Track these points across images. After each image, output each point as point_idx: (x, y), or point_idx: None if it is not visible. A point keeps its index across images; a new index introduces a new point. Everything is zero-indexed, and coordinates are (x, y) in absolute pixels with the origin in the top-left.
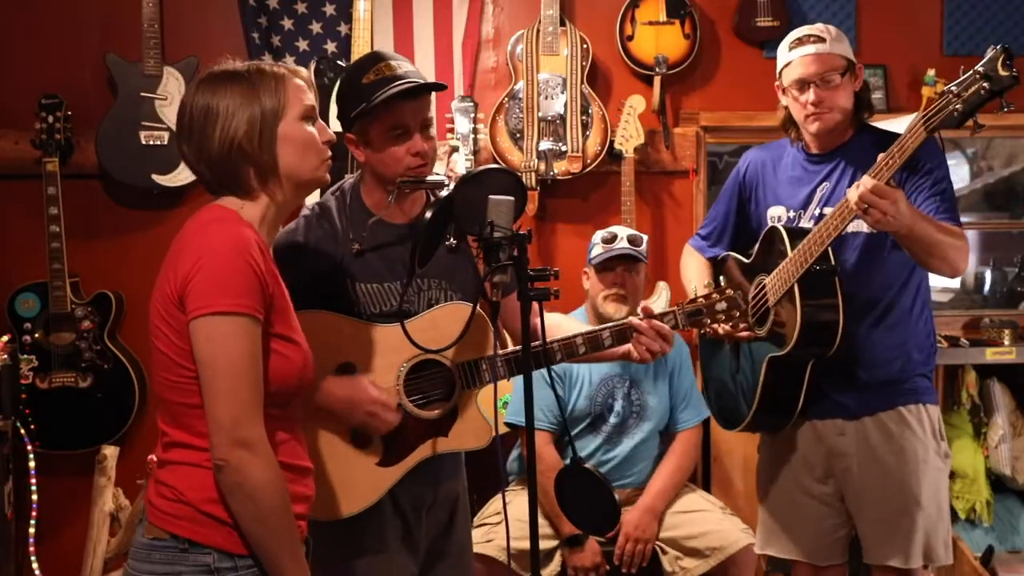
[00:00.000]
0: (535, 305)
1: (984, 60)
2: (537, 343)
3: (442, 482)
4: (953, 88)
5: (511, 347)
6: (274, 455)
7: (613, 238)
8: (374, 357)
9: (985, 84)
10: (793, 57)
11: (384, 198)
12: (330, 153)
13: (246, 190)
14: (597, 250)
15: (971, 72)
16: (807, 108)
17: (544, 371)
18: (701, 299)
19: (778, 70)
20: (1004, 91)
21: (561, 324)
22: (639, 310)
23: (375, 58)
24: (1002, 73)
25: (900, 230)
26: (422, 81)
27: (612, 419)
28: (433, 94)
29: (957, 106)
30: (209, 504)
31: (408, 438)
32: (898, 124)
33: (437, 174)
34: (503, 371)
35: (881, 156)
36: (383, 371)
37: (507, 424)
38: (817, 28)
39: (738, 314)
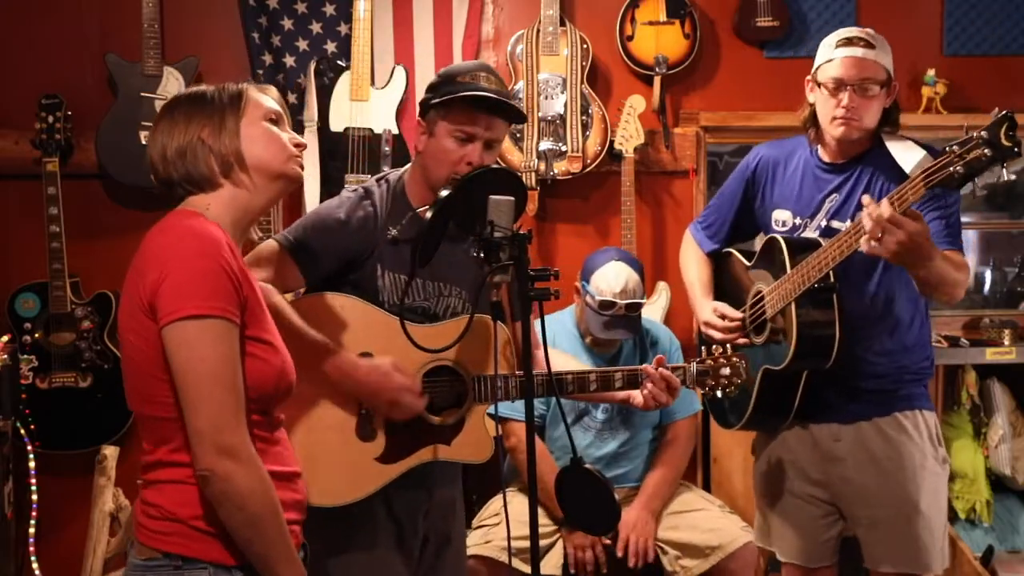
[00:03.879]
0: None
1: (989, 124)
2: (554, 370)
3: (436, 488)
4: (955, 148)
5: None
6: (259, 460)
7: (611, 305)
8: (393, 352)
9: (987, 151)
10: (837, 55)
11: (427, 194)
12: (299, 155)
13: (211, 182)
14: (593, 304)
15: (975, 136)
16: (836, 110)
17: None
18: (710, 361)
19: (816, 64)
20: (1005, 160)
21: (563, 362)
22: (653, 360)
23: (482, 67)
24: (1004, 143)
25: (913, 267)
26: (509, 101)
27: (600, 415)
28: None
29: (958, 168)
30: (199, 520)
31: (411, 440)
32: (906, 151)
33: None
34: (516, 392)
35: (883, 201)
36: None
37: (488, 415)
38: (868, 32)
39: (739, 381)
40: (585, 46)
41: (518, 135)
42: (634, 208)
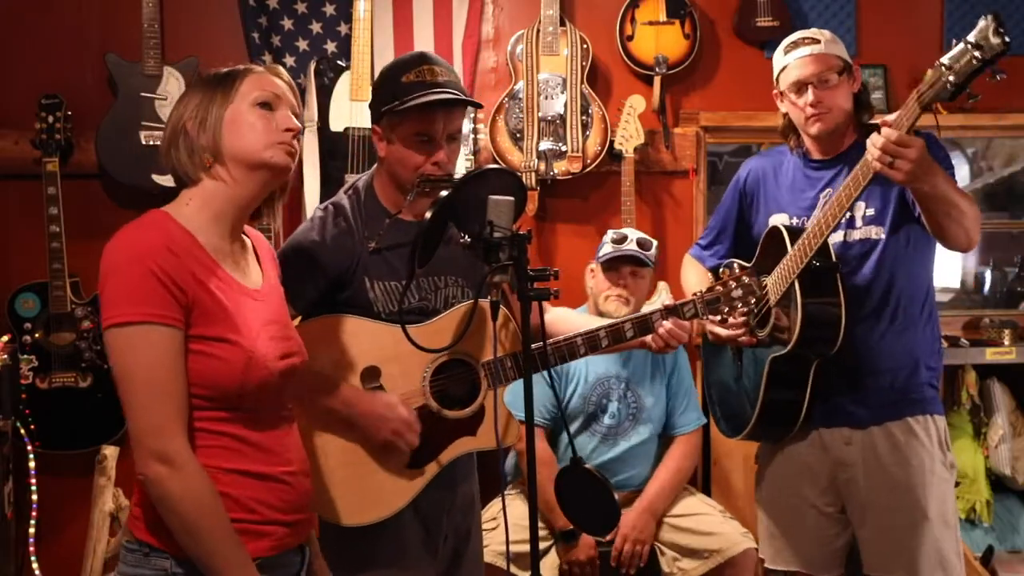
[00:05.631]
0: (535, 305)
1: (975, 30)
2: (560, 337)
3: (459, 484)
4: (945, 61)
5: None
6: (198, 466)
7: (623, 239)
8: (398, 359)
9: (976, 53)
10: (789, 60)
11: (398, 196)
12: (287, 140)
13: (192, 177)
14: (606, 248)
15: (962, 43)
16: (807, 110)
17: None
18: (719, 287)
19: (775, 76)
20: (996, 59)
21: (568, 317)
22: (660, 305)
23: (421, 59)
24: (993, 40)
25: (925, 184)
26: (459, 95)
27: (607, 420)
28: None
29: (949, 78)
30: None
31: (437, 439)
32: None
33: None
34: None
35: (884, 128)
36: (408, 373)
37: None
38: (810, 31)
39: (754, 300)
40: (585, 46)
41: (518, 135)
42: (634, 208)
